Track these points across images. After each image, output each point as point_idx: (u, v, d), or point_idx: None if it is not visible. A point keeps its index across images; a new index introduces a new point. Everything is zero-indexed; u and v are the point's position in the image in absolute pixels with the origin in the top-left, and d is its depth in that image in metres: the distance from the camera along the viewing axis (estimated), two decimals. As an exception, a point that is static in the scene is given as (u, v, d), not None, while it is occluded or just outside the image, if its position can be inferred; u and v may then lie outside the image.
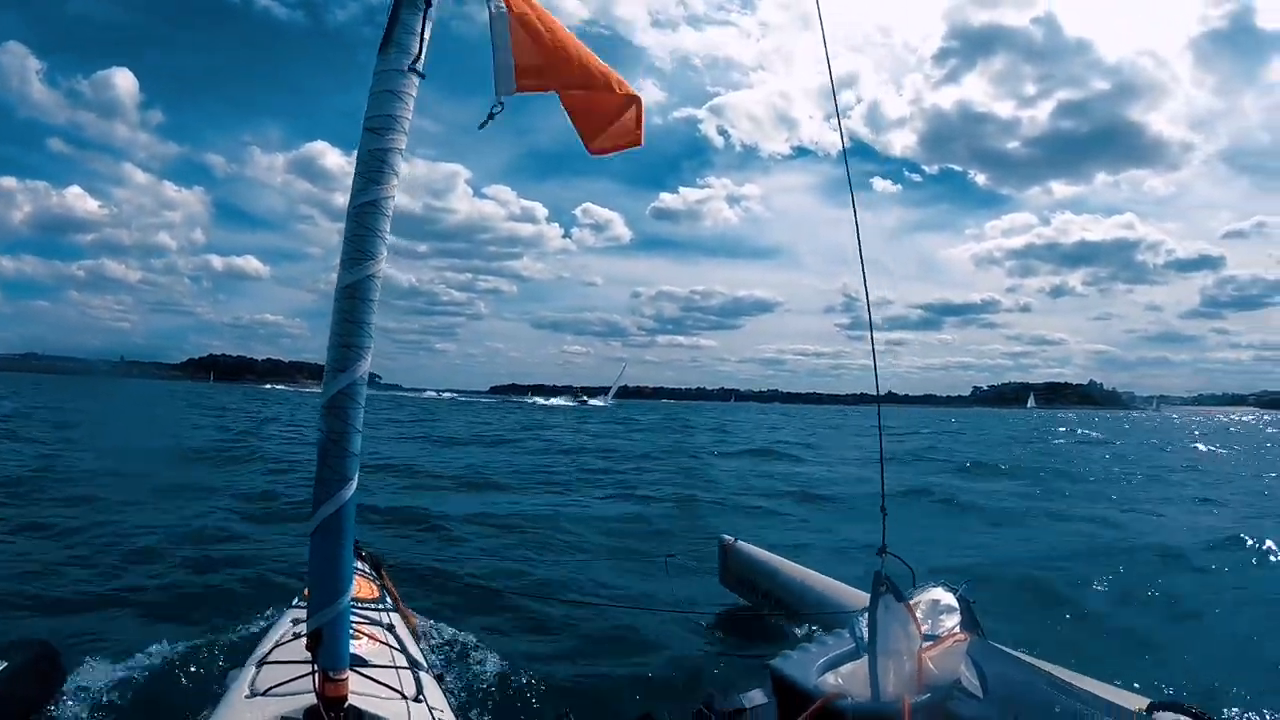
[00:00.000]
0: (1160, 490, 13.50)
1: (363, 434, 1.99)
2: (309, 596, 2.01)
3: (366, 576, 3.42)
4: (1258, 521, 9.19)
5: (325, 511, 1.94)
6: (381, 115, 2.03)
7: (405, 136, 2.05)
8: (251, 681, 2.41)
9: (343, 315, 1.96)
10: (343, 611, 1.97)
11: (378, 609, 3.03)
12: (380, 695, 2.30)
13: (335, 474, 1.94)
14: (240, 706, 2.28)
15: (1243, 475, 16.97)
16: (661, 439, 26.05)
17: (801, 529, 9.15)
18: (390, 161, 2.01)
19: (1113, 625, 5.19)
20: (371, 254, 1.97)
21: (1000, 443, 28.62)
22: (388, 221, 2.01)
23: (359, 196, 2.00)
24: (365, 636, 2.70)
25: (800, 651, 2.13)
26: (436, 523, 8.34)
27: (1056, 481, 14.51)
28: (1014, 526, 9.58)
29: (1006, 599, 5.30)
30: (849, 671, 1.99)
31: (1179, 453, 24.58)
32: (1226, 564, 6.98)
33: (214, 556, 6.38)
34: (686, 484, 13.05)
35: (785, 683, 1.97)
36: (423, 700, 2.37)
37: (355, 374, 1.95)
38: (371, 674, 2.35)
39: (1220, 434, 40.88)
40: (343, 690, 1.99)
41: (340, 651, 1.99)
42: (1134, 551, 7.42)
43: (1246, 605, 5.70)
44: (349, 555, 1.99)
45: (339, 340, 1.96)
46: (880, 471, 2.17)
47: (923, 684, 1.89)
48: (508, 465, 15.67)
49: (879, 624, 1.90)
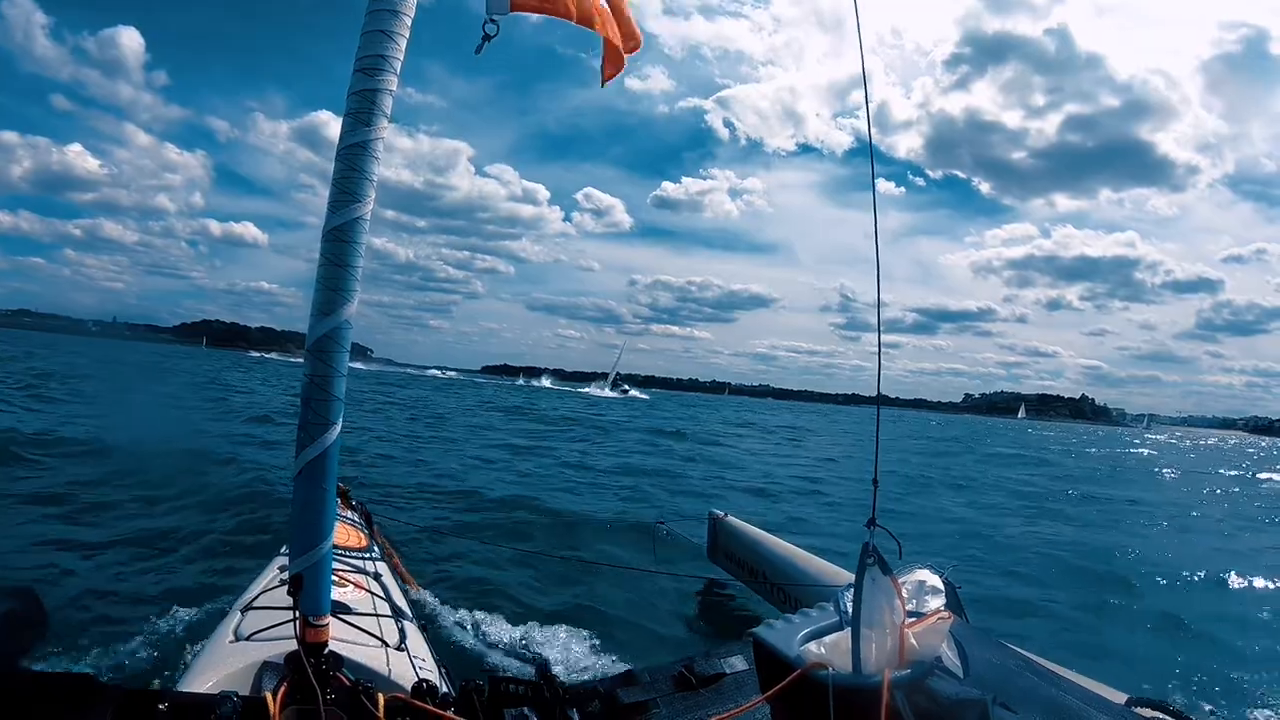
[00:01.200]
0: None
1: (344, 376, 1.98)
2: (290, 541, 2.01)
3: (356, 526, 3.44)
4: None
5: (308, 456, 1.93)
6: (373, 55, 1.99)
7: (396, 78, 2.01)
8: (236, 627, 2.44)
9: (329, 258, 1.94)
10: (324, 557, 1.97)
11: (365, 558, 3.04)
12: (362, 642, 2.32)
13: (318, 418, 1.93)
14: (224, 650, 2.30)
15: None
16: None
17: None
18: (380, 103, 1.97)
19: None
20: (359, 196, 1.95)
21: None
22: (377, 164, 1.97)
23: (348, 138, 1.97)
24: (351, 584, 2.72)
25: (784, 622, 2.11)
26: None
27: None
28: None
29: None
30: (831, 642, 1.96)
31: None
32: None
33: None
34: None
35: (767, 650, 1.95)
36: (405, 649, 2.39)
37: (340, 318, 1.93)
38: (355, 621, 2.37)
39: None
40: (323, 636, 1.99)
41: (321, 597, 1.99)
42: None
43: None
44: (332, 501, 1.99)
45: (324, 284, 1.94)
46: (875, 446, 2.14)
47: (904, 659, 1.86)
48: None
49: (864, 595, 1.87)
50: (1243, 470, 30.34)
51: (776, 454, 22.46)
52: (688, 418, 30.30)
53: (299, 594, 1.95)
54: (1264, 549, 10.88)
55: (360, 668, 2.18)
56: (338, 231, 1.94)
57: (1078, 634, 5.99)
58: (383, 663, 2.27)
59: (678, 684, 2.08)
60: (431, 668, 2.40)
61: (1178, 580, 7.94)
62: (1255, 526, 13.67)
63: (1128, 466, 29.34)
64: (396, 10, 2.00)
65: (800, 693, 1.81)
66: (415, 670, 2.26)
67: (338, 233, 1.94)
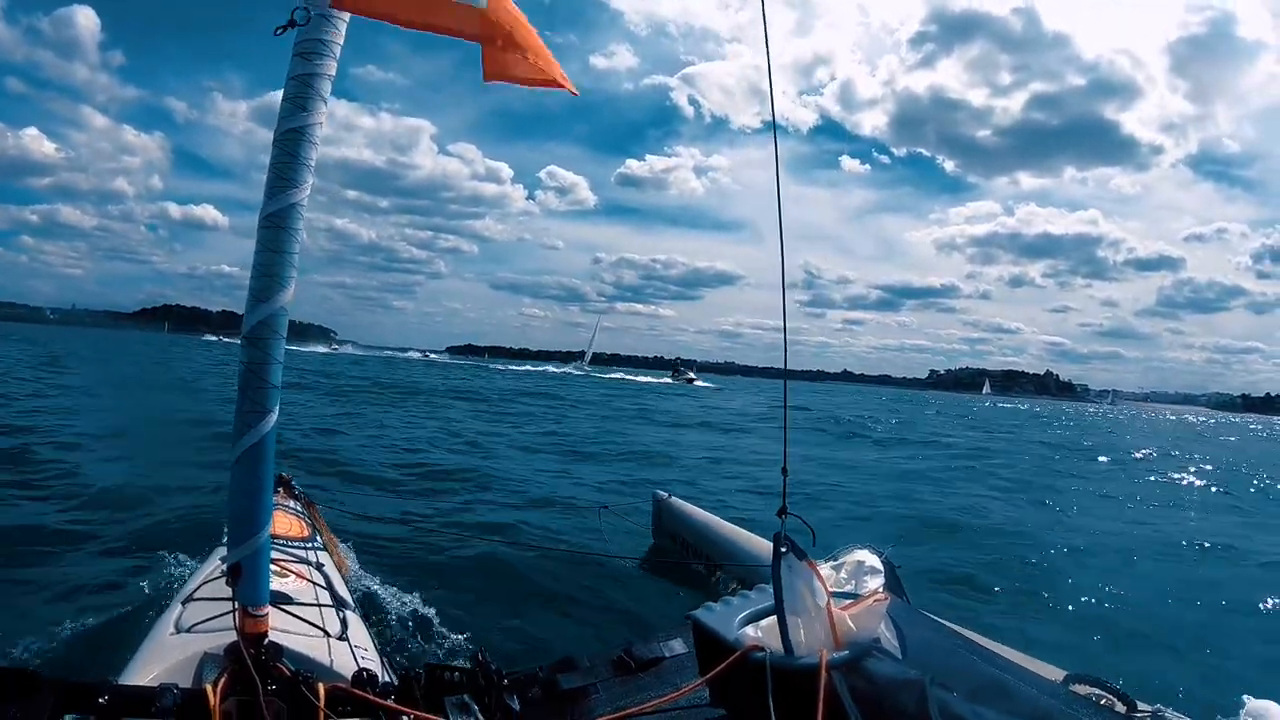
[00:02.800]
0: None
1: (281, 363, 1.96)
2: (228, 531, 2.00)
3: (298, 516, 3.41)
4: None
5: (244, 444, 1.91)
6: (311, 40, 1.96)
7: (335, 62, 1.99)
8: (177, 619, 2.40)
9: (265, 244, 1.92)
10: (262, 546, 1.95)
11: (306, 548, 3.02)
12: (304, 632, 2.31)
13: (255, 406, 1.91)
14: (165, 643, 2.27)
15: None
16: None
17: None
18: (318, 88, 1.95)
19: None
20: (296, 182, 1.93)
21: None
22: (314, 150, 1.96)
23: (285, 122, 1.94)
24: (292, 574, 2.70)
25: (722, 604, 2.11)
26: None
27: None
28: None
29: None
30: (769, 625, 1.95)
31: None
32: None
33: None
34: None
35: (705, 633, 1.95)
36: (346, 638, 2.38)
37: (276, 304, 1.91)
38: (296, 611, 2.35)
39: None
40: (263, 626, 1.97)
41: (260, 587, 1.97)
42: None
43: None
44: (269, 489, 1.97)
45: (261, 270, 1.92)
46: (784, 432, 2.14)
47: (841, 641, 1.86)
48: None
49: (783, 583, 1.88)
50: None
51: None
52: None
53: (237, 584, 1.92)
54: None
55: (301, 658, 2.17)
56: (274, 218, 1.92)
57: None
58: (324, 653, 2.26)
59: (617, 668, 2.09)
60: (373, 657, 2.40)
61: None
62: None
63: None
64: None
65: (738, 675, 1.81)
66: (356, 660, 2.25)
67: (274, 219, 1.92)
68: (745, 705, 1.79)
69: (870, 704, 1.67)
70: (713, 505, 6.27)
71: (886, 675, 1.73)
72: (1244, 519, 11.60)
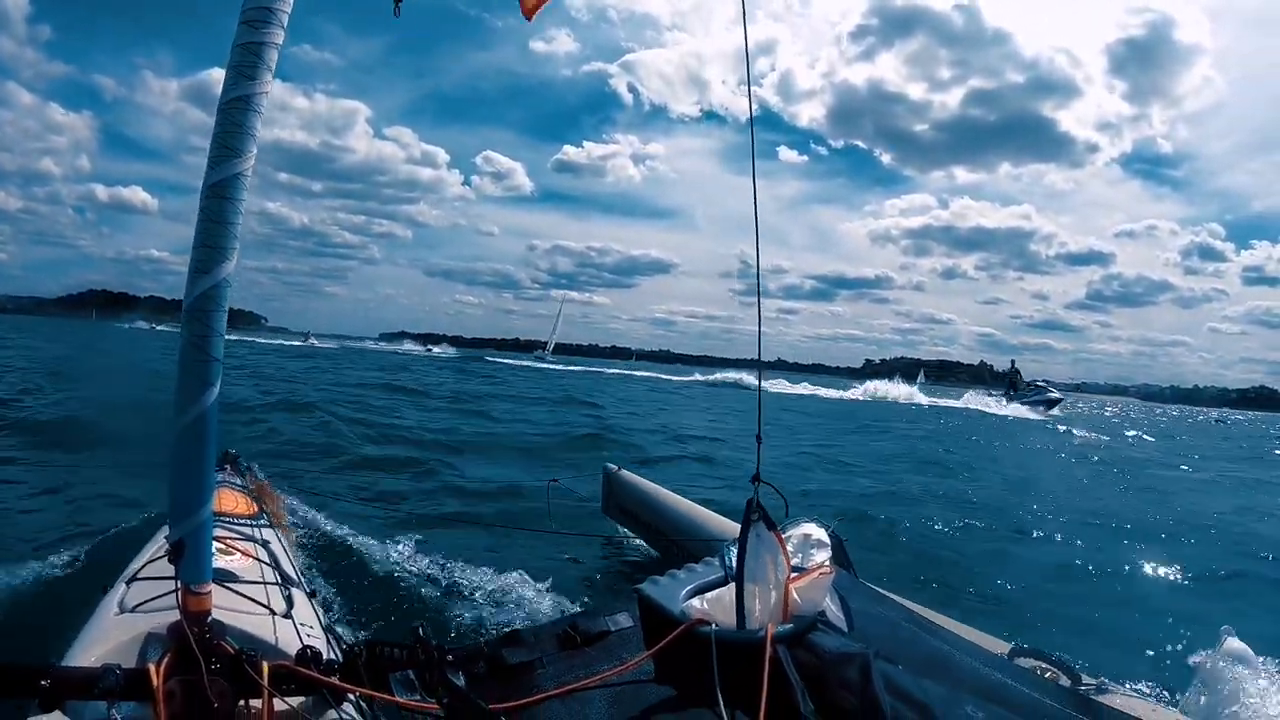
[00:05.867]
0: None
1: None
2: (170, 506, 1.95)
3: (243, 492, 3.34)
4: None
5: (186, 418, 1.87)
6: (258, 8, 1.93)
7: (283, 31, 1.95)
8: (120, 599, 2.35)
9: (207, 215, 1.87)
10: (204, 522, 1.91)
11: (252, 525, 2.97)
12: (249, 610, 2.28)
13: (196, 379, 1.87)
14: (109, 623, 2.22)
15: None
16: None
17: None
18: (265, 56, 1.92)
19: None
20: (240, 151, 1.88)
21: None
22: (259, 119, 1.92)
23: (230, 91, 1.90)
24: (238, 552, 2.66)
25: (668, 578, 2.13)
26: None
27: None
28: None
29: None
30: (714, 598, 1.98)
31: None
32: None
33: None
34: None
35: (651, 607, 1.94)
36: (291, 616, 2.35)
37: (218, 276, 1.87)
38: (240, 589, 2.32)
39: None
40: (205, 604, 1.92)
41: (203, 564, 1.93)
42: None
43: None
44: (210, 464, 1.93)
45: (202, 240, 1.87)
46: (758, 401, 2.15)
47: (787, 614, 1.88)
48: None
49: (749, 552, 1.89)
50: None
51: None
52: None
53: (179, 561, 1.88)
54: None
55: (246, 636, 2.13)
56: (218, 187, 1.88)
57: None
58: (269, 631, 2.22)
59: (562, 643, 2.09)
60: (319, 635, 2.36)
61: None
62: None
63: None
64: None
65: (684, 649, 1.82)
66: (301, 638, 2.21)
67: (218, 188, 1.88)
68: (691, 679, 1.79)
69: (815, 677, 1.70)
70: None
71: (831, 649, 1.75)
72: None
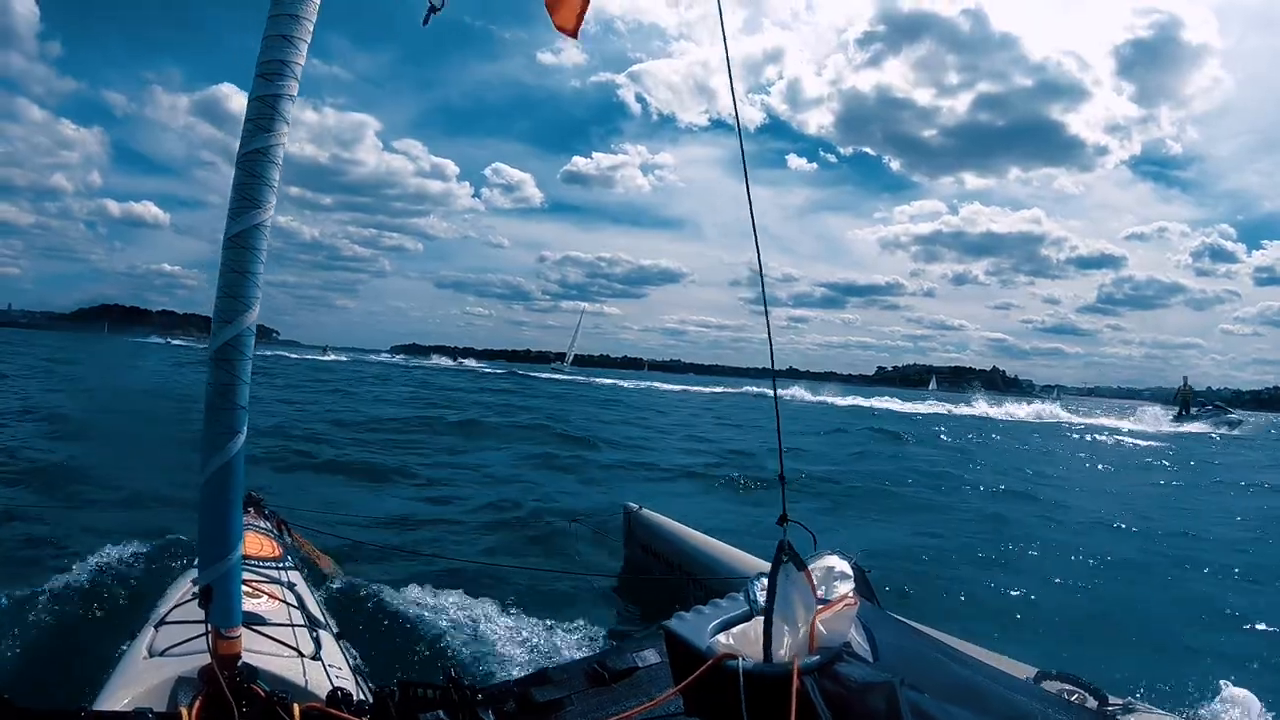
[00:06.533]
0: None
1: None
2: (198, 552, 1.99)
3: (269, 535, 3.38)
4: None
5: (213, 465, 1.90)
6: (274, 61, 1.97)
7: (297, 83, 1.99)
8: (149, 642, 2.38)
9: (230, 265, 1.92)
10: (233, 567, 1.95)
11: (279, 568, 3.01)
12: (278, 653, 2.30)
13: (223, 427, 1.90)
14: (139, 667, 2.26)
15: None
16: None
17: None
18: (281, 109, 1.96)
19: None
20: (259, 202, 1.93)
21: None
22: (277, 170, 1.96)
23: (248, 143, 1.95)
24: (265, 595, 2.69)
25: (694, 613, 2.10)
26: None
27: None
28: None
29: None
30: (740, 632, 1.97)
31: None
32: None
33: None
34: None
35: (678, 642, 1.93)
36: (320, 659, 2.38)
37: (242, 325, 1.91)
38: (269, 632, 2.35)
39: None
40: (236, 648, 1.96)
41: (232, 608, 1.96)
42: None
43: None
44: (238, 509, 1.96)
45: (226, 291, 1.92)
46: (778, 440, 2.16)
47: (813, 646, 1.86)
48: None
49: (779, 591, 1.86)
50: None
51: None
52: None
53: (209, 606, 1.91)
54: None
55: (276, 679, 2.16)
56: (238, 238, 1.92)
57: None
58: (299, 673, 2.25)
59: (590, 680, 2.09)
60: (348, 676, 2.39)
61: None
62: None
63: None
64: (298, 15, 1.98)
65: (712, 683, 1.80)
66: (331, 679, 2.24)
67: (238, 239, 1.92)
68: (719, 713, 1.78)
69: (842, 708, 1.68)
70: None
71: (858, 678, 1.74)
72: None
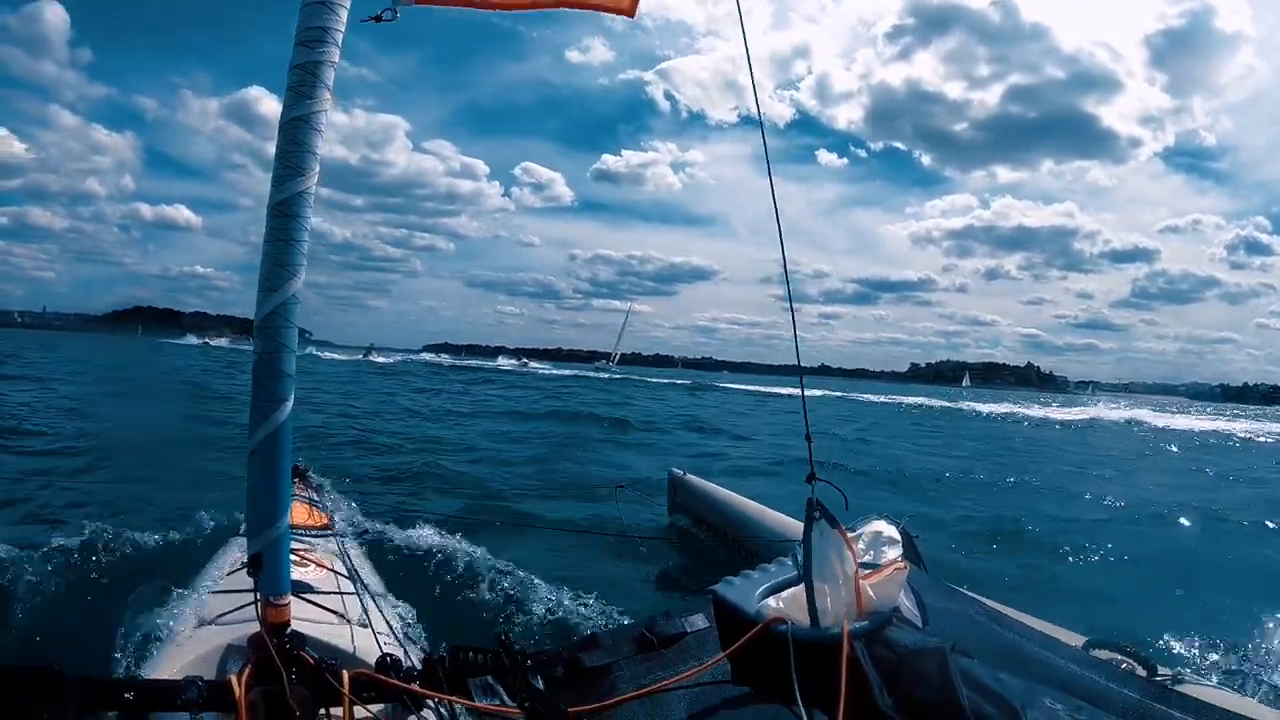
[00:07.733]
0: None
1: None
2: (247, 521, 2.00)
3: (315, 505, 3.42)
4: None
5: (261, 434, 1.91)
6: (313, 28, 1.96)
7: (338, 49, 1.98)
8: (198, 611, 2.42)
9: (274, 233, 1.92)
10: (282, 534, 1.96)
11: (325, 536, 3.05)
12: (326, 620, 2.33)
13: (269, 395, 1.91)
14: (188, 636, 2.29)
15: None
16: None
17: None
18: (322, 75, 1.95)
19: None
20: (303, 169, 1.92)
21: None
22: (319, 137, 1.95)
23: (290, 111, 1.94)
24: (312, 563, 2.73)
25: (742, 578, 2.10)
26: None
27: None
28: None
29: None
30: (789, 597, 1.96)
31: None
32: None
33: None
34: None
35: (726, 607, 1.94)
36: (368, 624, 2.40)
37: (287, 293, 1.91)
38: (317, 600, 2.38)
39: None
40: (285, 615, 1.97)
41: (281, 576, 1.97)
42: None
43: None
44: (287, 478, 1.97)
45: (271, 259, 1.92)
46: (802, 398, 2.13)
47: (862, 611, 1.85)
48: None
49: (813, 550, 1.86)
50: None
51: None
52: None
53: (258, 574, 1.92)
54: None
55: (324, 646, 2.18)
56: (282, 206, 1.92)
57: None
58: (347, 640, 2.27)
59: (639, 645, 2.09)
60: (395, 642, 2.40)
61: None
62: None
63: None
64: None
65: (761, 648, 1.81)
66: (379, 645, 2.26)
67: (282, 207, 1.92)
68: (768, 678, 1.79)
69: (893, 673, 1.68)
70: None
71: (908, 644, 1.74)
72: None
